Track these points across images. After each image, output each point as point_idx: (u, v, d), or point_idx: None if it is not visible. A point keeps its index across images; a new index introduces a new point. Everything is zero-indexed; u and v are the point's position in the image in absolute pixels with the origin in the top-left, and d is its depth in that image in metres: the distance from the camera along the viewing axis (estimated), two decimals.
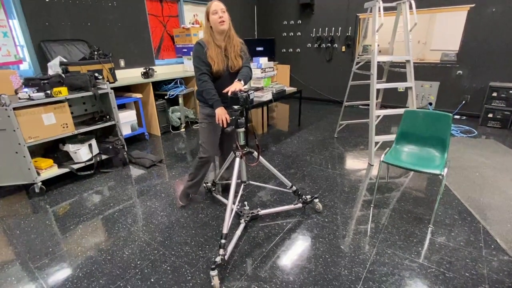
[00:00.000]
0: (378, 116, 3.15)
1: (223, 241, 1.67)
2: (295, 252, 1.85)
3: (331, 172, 2.94)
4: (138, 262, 1.79)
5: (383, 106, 5.33)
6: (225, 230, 1.70)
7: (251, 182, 2.42)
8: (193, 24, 5.21)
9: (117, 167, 3.19)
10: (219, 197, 2.46)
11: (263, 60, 3.75)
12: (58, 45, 3.43)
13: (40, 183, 2.63)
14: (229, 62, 2.00)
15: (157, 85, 4.35)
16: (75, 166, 2.89)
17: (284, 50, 6.50)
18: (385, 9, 2.95)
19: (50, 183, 2.81)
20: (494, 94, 4.16)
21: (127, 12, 4.14)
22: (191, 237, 2.00)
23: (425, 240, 1.92)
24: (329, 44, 5.83)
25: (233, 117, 1.85)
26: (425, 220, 2.13)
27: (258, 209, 2.21)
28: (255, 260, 1.78)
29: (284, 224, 2.13)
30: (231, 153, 2.05)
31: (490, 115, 4.24)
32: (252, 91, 3.32)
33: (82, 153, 2.96)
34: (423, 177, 2.77)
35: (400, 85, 3.09)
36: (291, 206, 2.24)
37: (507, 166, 2.95)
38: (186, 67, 4.96)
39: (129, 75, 4.29)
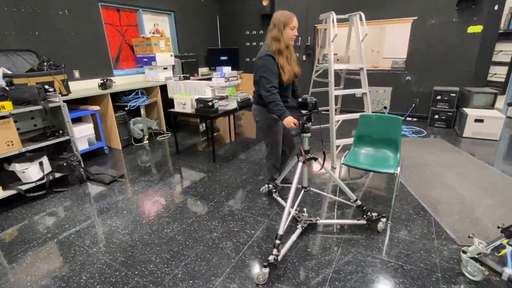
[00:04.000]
0: (338, 121, 3.31)
1: (277, 241, 1.71)
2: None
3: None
4: (98, 287, 1.67)
5: (343, 111, 5.62)
6: (280, 231, 1.75)
7: (312, 189, 2.37)
8: (153, 33, 5.10)
9: (73, 185, 2.97)
10: (279, 199, 2.48)
11: (227, 69, 3.77)
12: (2, 55, 3.15)
13: None
14: (293, 71, 2.17)
15: (117, 96, 4.16)
16: (24, 187, 2.64)
17: (248, 60, 6.60)
18: (339, 20, 3.15)
19: None
20: (438, 97, 4.60)
21: (81, 21, 3.94)
22: (155, 254, 1.91)
23: (385, 236, 2.04)
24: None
25: (300, 122, 1.89)
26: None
27: (317, 218, 2.17)
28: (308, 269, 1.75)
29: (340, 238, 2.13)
30: (291, 155, 2.15)
31: (436, 116, 4.66)
32: (216, 100, 3.33)
33: (32, 172, 2.71)
34: (381, 177, 2.95)
35: (356, 91, 3.28)
36: (354, 221, 2.12)
37: (453, 162, 3.25)
38: (147, 77, 4.82)
39: (85, 87, 4.06)
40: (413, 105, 5.14)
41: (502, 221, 2.12)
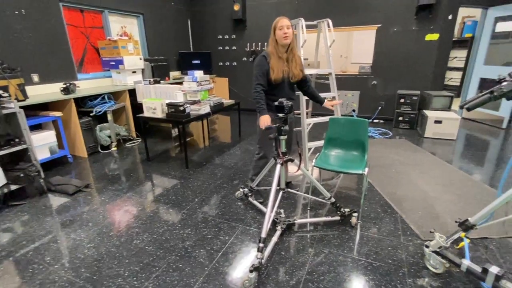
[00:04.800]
0: (309, 124, 3.38)
1: (261, 245, 1.72)
2: None
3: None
4: None
5: (315, 115, 5.78)
6: (263, 234, 1.76)
7: (289, 190, 2.39)
8: (121, 36, 4.92)
9: (32, 197, 2.75)
10: (255, 202, 2.49)
11: (199, 73, 3.73)
12: None
13: None
14: (290, 72, 2.24)
15: (81, 101, 3.94)
16: None
17: (221, 63, 6.58)
18: (308, 26, 3.23)
19: None
20: (402, 100, 4.88)
21: (40, 21, 3.69)
22: (124, 267, 1.82)
23: (355, 235, 2.11)
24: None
25: (277, 124, 1.92)
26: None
27: (295, 217, 2.22)
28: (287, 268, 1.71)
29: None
30: (270, 159, 2.15)
31: (400, 118, 4.94)
32: (188, 105, 3.27)
33: None
34: (351, 177, 3.06)
35: (325, 95, 3.38)
36: (329, 218, 2.27)
37: (416, 161, 3.45)
38: (115, 81, 4.62)
39: (45, 92, 3.80)
40: (379, 108, 5.40)
41: (460, 215, 2.28)
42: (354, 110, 5.58)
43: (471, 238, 1.98)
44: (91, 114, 3.88)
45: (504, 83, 1.30)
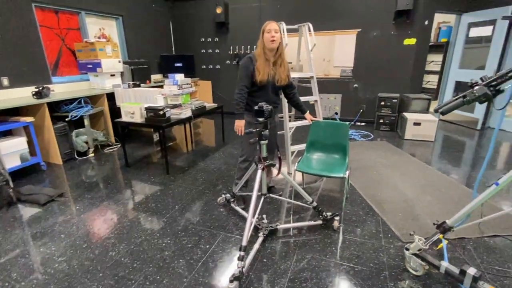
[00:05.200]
0: (292, 128, 3.38)
1: (241, 253, 1.66)
2: None
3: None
4: None
5: (299, 118, 5.81)
6: (244, 242, 1.71)
7: (270, 195, 2.35)
8: (99, 38, 4.77)
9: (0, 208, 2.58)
10: (237, 208, 2.42)
11: (179, 77, 3.65)
12: None
13: None
14: (275, 75, 2.25)
15: (56, 106, 3.77)
16: None
17: (204, 66, 6.50)
18: (289, 30, 3.24)
19: None
20: (382, 103, 4.98)
21: (10, 23, 3.51)
22: (97, 282, 1.72)
23: (338, 239, 2.10)
24: None
25: (257, 129, 1.88)
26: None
27: (277, 223, 2.19)
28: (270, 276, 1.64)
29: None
30: (252, 165, 2.11)
31: (381, 121, 5.04)
32: (168, 109, 3.19)
33: None
34: (334, 180, 3.07)
35: (307, 99, 3.39)
36: (312, 222, 2.23)
37: (397, 163, 3.52)
38: (93, 85, 4.46)
39: (16, 96, 3.61)
40: (361, 110, 5.50)
41: (438, 217, 2.32)
42: (336, 113, 5.65)
43: (449, 239, 2.02)
44: (66, 119, 3.71)
45: (476, 88, 1.33)
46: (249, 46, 5.99)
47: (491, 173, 3.24)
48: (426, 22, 4.84)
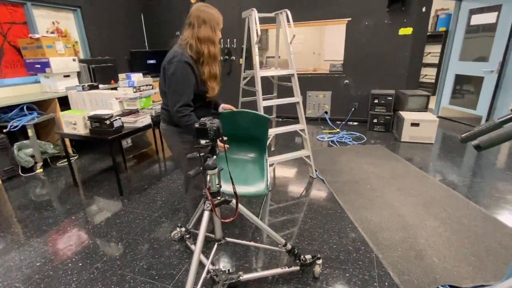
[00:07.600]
0: (270, 136, 2.86)
1: None
2: None
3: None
4: None
5: (287, 118, 5.27)
6: None
7: (227, 239, 1.69)
8: (52, 32, 4.16)
9: None
10: (193, 247, 1.90)
11: (136, 77, 3.08)
12: None
13: None
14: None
15: None
16: None
17: None
18: (265, 19, 2.69)
19: None
20: (376, 100, 4.47)
21: None
22: None
23: None
24: (227, 57, 5.52)
25: (202, 154, 1.33)
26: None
27: (240, 273, 1.59)
28: None
29: None
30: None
31: (375, 120, 4.54)
32: (117, 117, 2.63)
33: None
34: (320, 195, 2.56)
35: (286, 101, 2.87)
36: (286, 270, 1.68)
37: (393, 173, 3.02)
38: (44, 87, 3.87)
39: None
40: (353, 109, 4.98)
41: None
42: (326, 112, 5.13)
43: None
44: (4, 130, 3.13)
45: None
46: (228, 40, 5.41)
47: (500, 175, 2.75)
48: (424, 9, 4.31)
